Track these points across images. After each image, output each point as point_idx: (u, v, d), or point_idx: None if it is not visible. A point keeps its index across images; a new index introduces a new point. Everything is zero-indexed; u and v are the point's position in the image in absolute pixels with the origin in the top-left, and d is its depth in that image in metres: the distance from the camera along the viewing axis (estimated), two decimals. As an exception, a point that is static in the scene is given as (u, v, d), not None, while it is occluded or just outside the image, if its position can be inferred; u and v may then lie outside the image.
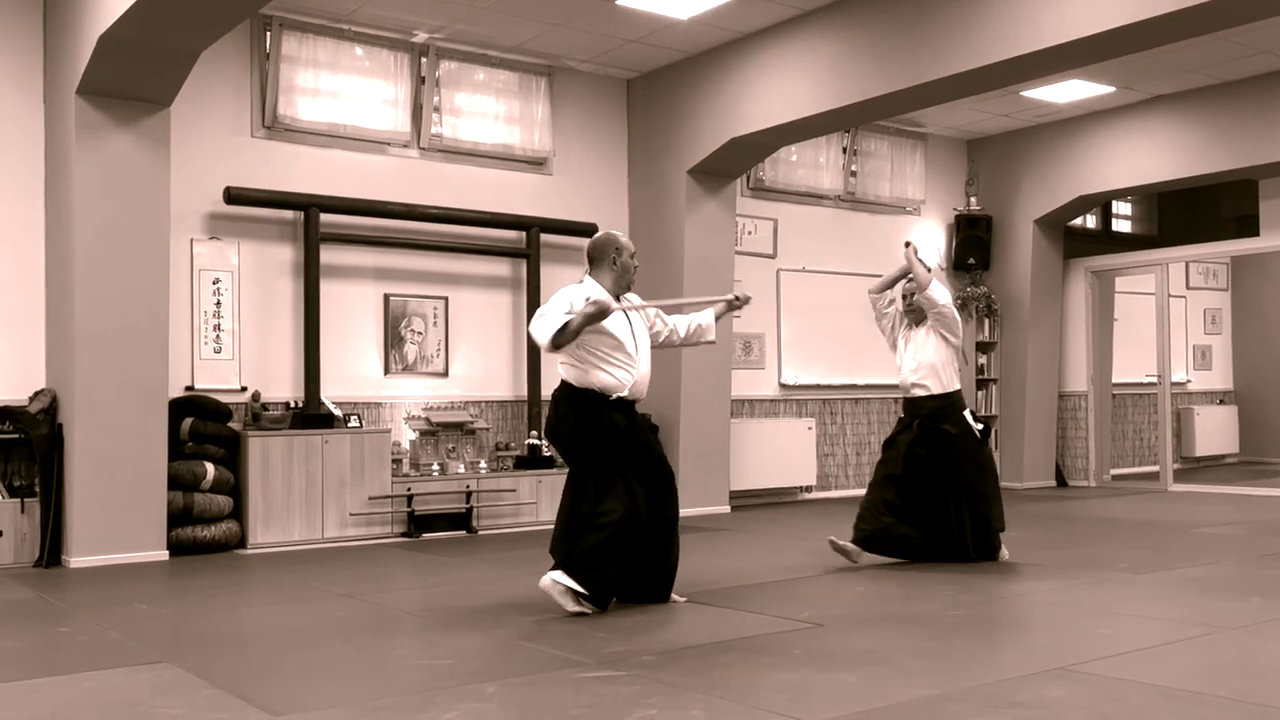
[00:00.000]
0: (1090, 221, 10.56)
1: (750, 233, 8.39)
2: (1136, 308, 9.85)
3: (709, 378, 7.66)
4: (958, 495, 5.13)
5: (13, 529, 5.49)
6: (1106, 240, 10.57)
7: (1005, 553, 5.26)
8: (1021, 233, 9.44)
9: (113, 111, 5.39)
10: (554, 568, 4.06)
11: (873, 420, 9.13)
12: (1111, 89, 8.23)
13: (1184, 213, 10.70)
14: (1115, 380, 9.90)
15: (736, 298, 4.52)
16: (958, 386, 5.28)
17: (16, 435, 5.56)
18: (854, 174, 9.05)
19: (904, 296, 5.42)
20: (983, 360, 9.57)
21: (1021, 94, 8.23)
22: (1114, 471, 9.86)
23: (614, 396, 4.08)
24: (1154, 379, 9.47)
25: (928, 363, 5.25)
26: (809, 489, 8.66)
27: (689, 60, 7.47)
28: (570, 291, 4.11)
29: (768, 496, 8.38)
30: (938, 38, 5.97)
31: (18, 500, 5.52)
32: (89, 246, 5.43)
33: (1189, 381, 11.13)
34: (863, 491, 8.98)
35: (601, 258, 4.21)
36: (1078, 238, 10.09)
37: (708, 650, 3.43)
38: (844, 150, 8.94)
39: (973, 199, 9.65)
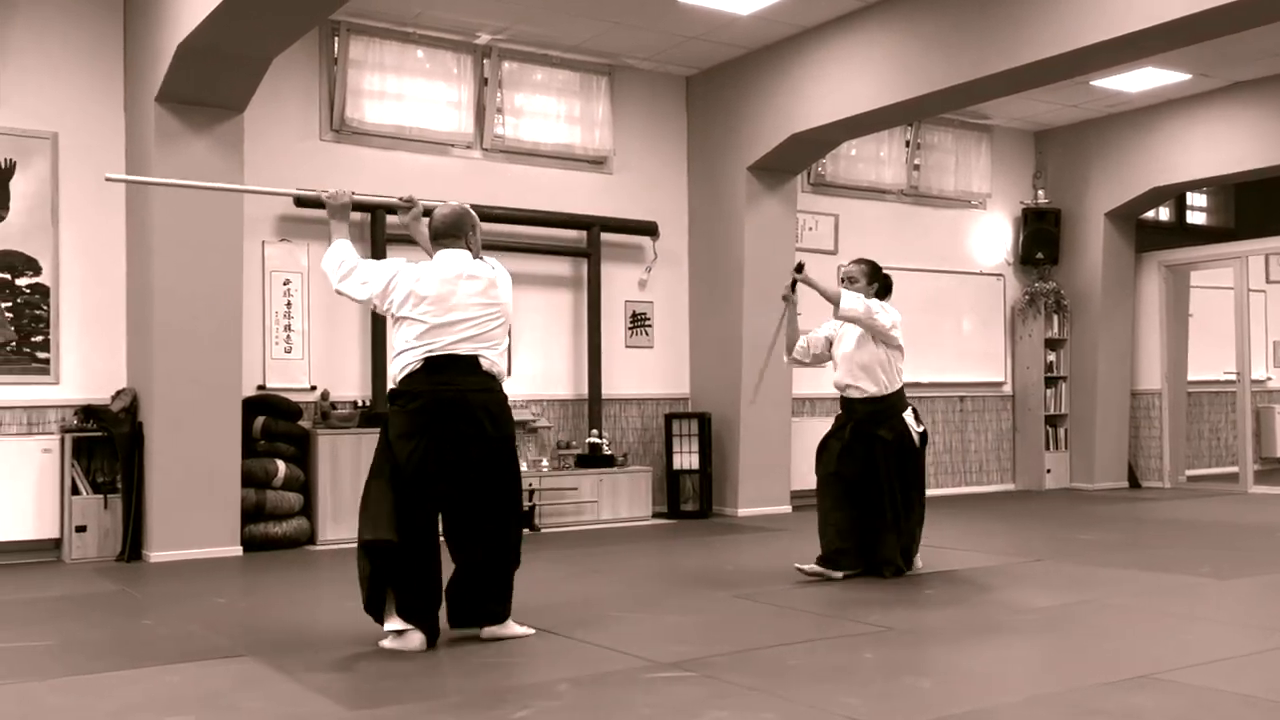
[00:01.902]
0: (1164, 214, 10.26)
1: (811, 229, 8.32)
2: (1213, 303, 9.55)
3: (769, 375, 7.59)
4: (881, 505, 4.78)
5: (96, 524, 5.67)
6: (1181, 233, 10.26)
7: (919, 563, 4.96)
8: (1091, 226, 9.22)
9: (190, 118, 5.54)
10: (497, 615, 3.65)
11: (935, 418, 9.00)
12: (1187, 76, 7.99)
13: (1263, 204, 10.34)
14: (1191, 378, 9.61)
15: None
16: (897, 387, 4.88)
17: (100, 433, 5.74)
18: (917, 168, 8.92)
19: (842, 284, 5.02)
20: (1051, 357, 9.37)
21: (1091, 83, 8.03)
22: (1190, 472, 9.58)
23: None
24: (1232, 376, 9.18)
25: (863, 361, 4.85)
26: (872, 488, 8.55)
27: (749, 56, 7.43)
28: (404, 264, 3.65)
29: (830, 495, 8.29)
30: (1004, 28, 5.85)
31: (101, 496, 5.71)
32: (167, 250, 5.59)
33: (1269, 379, 10.76)
34: (927, 492, 8.89)
35: (459, 233, 3.67)
36: (1150, 231, 9.82)
37: (777, 652, 3.41)
38: (907, 144, 8.82)
39: (1040, 192, 9.45)
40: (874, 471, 4.78)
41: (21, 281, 5.82)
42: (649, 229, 7.70)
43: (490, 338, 3.57)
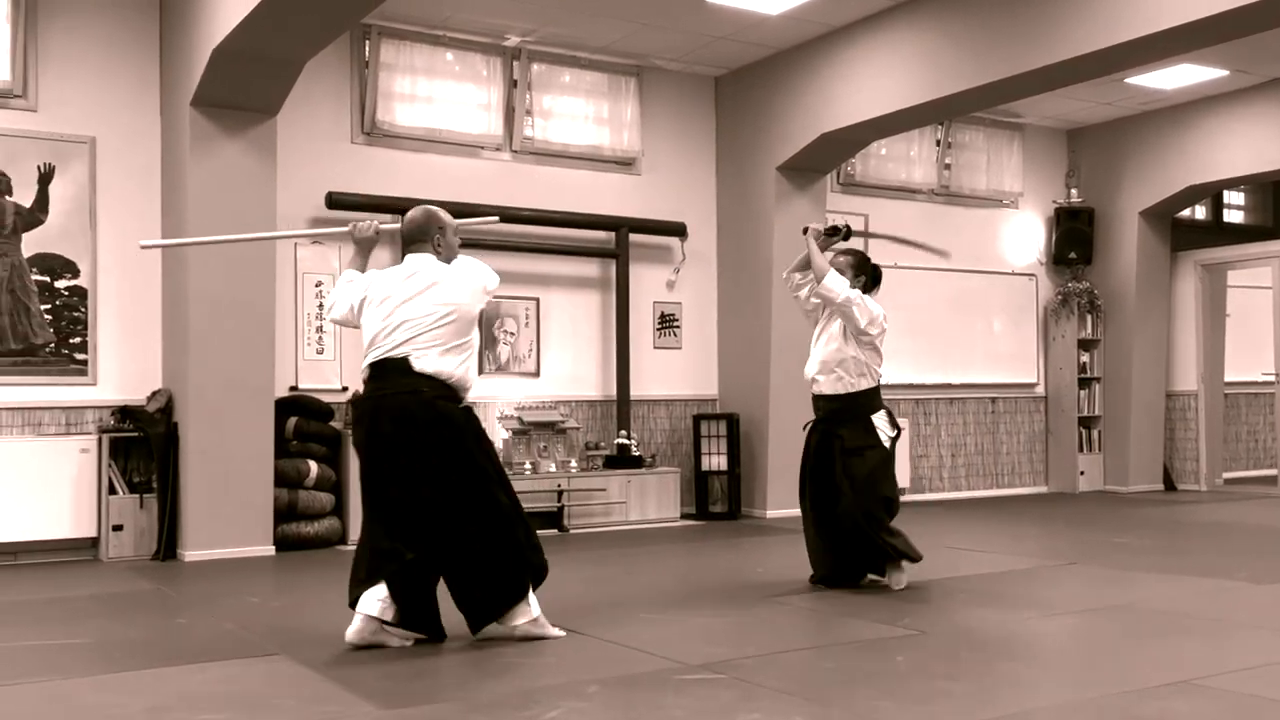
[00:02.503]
0: (1200, 212, 10.11)
1: (841, 229, 8.26)
2: (1251, 302, 9.39)
3: (799, 377, 7.54)
4: (833, 511, 4.48)
5: (132, 523, 5.75)
6: (1218, 232, 10.11)
7: (899, 580, 4.51)
8: (1126, 225, 9.10)
9: (224, 121, 5.60)
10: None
11: (969, 421, 8.93)
12: (1224, 72, 7.86)
13: (1303, 202, 10.17)
14: (1228, 379, 9.46)
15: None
16: (865, 386, 4.52)
17: (136, 433, 5.82)
18: (948, 167, 8.84)
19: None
20: (1085, 358, 9.26)
21: (1125, 80, 7.93)
22: (1226, 475, 9.43)
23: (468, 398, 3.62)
24: (1270, 377, 9.02)
25: (831, 357, 4.56)
26: (902, 491, 8.47)
27: (778, 56, 7.40)
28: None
29: (860, 497, 8.24)
30: (1037, 25, 5.78)
31: (137, 496, 5.79)
32: (201, 252, 5.65)
33: (1308, 379, 10.56)
34: (958, 495, 8.90)
35: (424, 237, 3.63)
36: (1186, 230, 9.68)
37: (808, 655, 3.40)
38: (937, 143, 8.75)
39: (1073, 191, 9.34)
40: (832, 475, 4.48)
41: (60, 284, 5.91)
42: (677, 230, 7.69)
43: (431, 339, 3.47)
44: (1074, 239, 9.19)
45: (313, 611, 4.27)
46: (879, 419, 4.54)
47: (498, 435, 6.99)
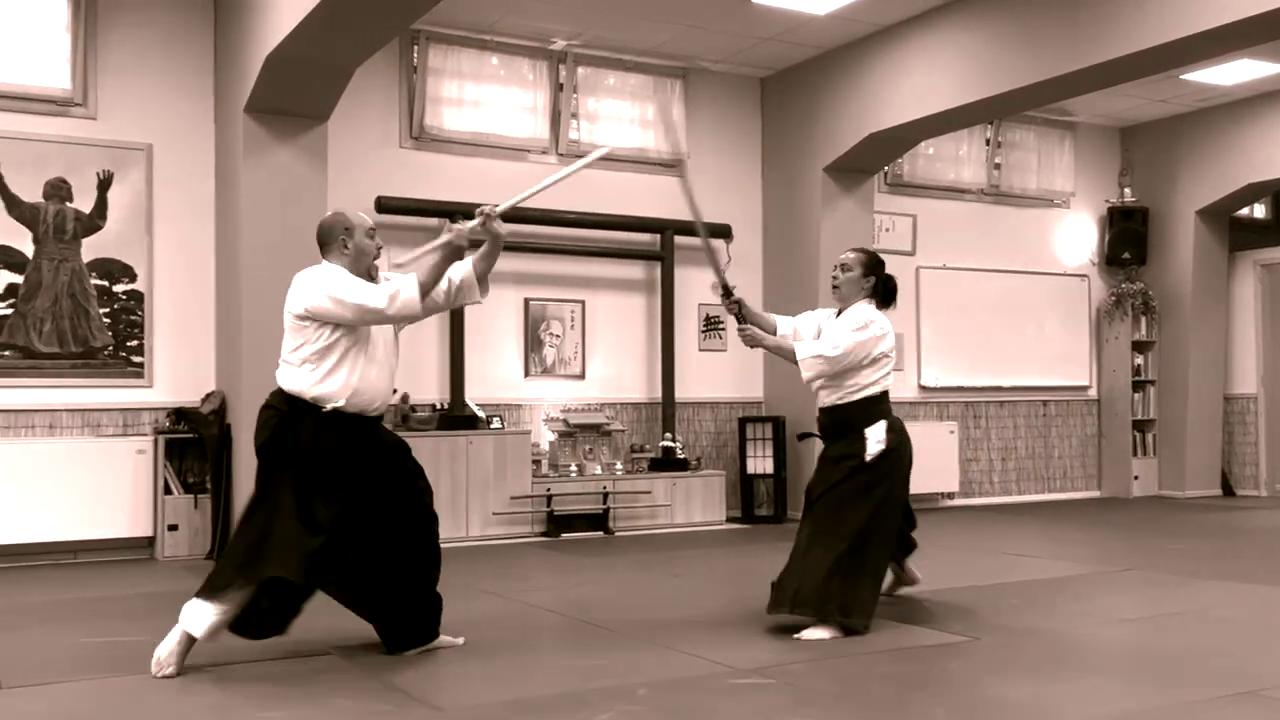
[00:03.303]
0: (1259, 211, 9.85)
1: (888, 230, 8.19)
2: (1313, 303, 9.14)
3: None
4: (802, 527, 3.86)
5: (187, 523, 5.86)
6: (1278, 230, 9.84)
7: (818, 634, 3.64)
8: (1182, 225, 8.90)
9: (276, 127, 5.69)
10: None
11: (1019, 424, 8.79)
12: (1285, 68, 7.66)
13: (1367, 199, 9.87)
14: (1289, 381, 9.22)
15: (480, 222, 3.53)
16: (859, 397, 3.84)
17: (191, 435, 5.93)
18: (998, 166, 8.72)
19: (834, 272, 4.04)
20: (1139, 360, 9.07)
21: (1181, 77, 7.76)
22: (1287, 479, 9.19)
23: (328, 408, 3.34)
24: (1334, 380, 8.78)
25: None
26: (951, 495, 8.40)
27: (825, 56, 7.35)
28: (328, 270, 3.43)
29: (908, 501, 8.15)
30: (1091, 22, 5.68)
31: (192, 496, 5.89)
32: (254, 255, 5.74)
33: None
34: (1008, 499, 8.76)
35: (330, 240, 3.47)
36: (1245, 229, 9.43)
37: (859, 661, 3.36)
38: (987, 142, 8.63)
39: (1127, 190, 9.16)
40: (808, 493, 3.90)
41: (118, 288, 6.04)
42: (723, 232, 7.66)
43: (285, 349, 3.41)
44: (1128, 239, 9.01)
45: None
46: (873, 431, 3.81)
47: (543, 438, 7.03)
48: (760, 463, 7.45)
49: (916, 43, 6.72)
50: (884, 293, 4.01)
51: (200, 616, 3.26)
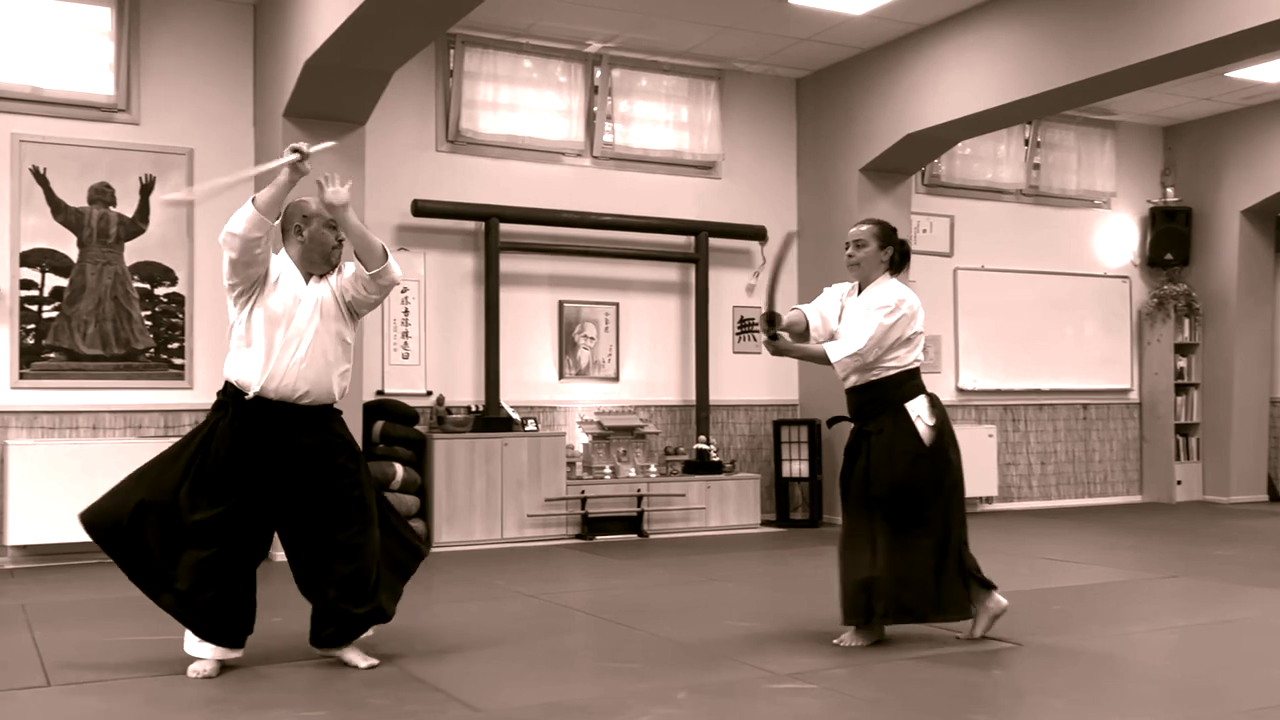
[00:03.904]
0: (1306, 211, 9.65)
1: (925, 231, 8.12)
2: (1363, 304, 8.93)
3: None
4: (874, 527, 3.58)
5: (226, 523, 5.92)
6: (1326, 231, 9.64)
7: (979, 625, 3.65)
8: (1226, 225, 8.74)
9: (315, 131, 5.71)
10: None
11: (1059, 428, 8.67)
12: (1334, 65, 7.50)
13: None
14: (1337, 384, 9.02)
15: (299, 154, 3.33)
16: (892, 372, 3.64)
17: (229, 436, 5.99)
18: (1037, 166, 8.61)
19: (848, 250, 3.87)
20: (1182, 363, 8.91)
21: (1226, 74, 7.61)
22: (1336, 485, 8.99)
23: (250, 394, 3.28)
24: (1385, 383, 8.56)
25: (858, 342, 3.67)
26: (989, 500, 8.30)
27: (862, 56, 7.30)
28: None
29: (945, 505, 8.07)
30: (1133, 20, 5.59)
31: (230, 496, 5.95)
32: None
33: None
34: (1047, 504, 8.64)
35: (286, 227, 3.43)
36: (1292, 229, 9.25)
37: (900, 666, 3.32)
38: (1026, 142, 8.53)
39: (1169, 190, 9.01)
40: (864, 486, 3.62)
41: (159, 291, 6.13)
42: (757, 233, 7.63)
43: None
44: (1170, 240, 8.86)
45: (402, 612, 4.32)
46: (915, 405, 3.62)
47: (577, 440, 7.03)
48: (796, 466, 7.40)
49: (955, 42, 6.65)
50: (901, 258, 3.83)
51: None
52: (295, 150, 3.36)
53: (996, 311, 8.35)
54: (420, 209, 6.59)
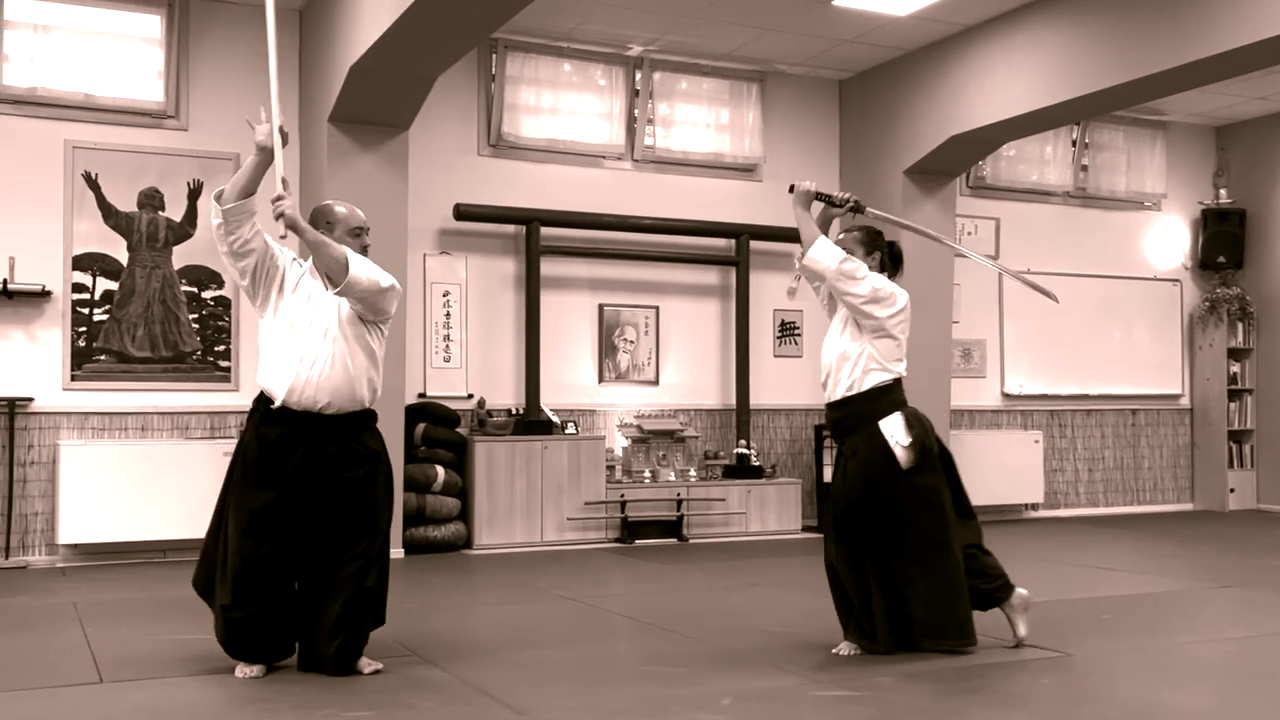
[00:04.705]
0: (1365, 212, 9.39)
1: (970, 233, 8.01)
2: None
3: (926, 386, 7.34)
4: (857, 553, 3.50)
5: (271, 523, 5.98)
6: (1386, 233, 9.36)
7: (1018, 628, 3.57)
8: (1282, 227, 8.53)
9: (359, 136, 5.79)
10: None
11: (1107, 434, 8.50)
12: (1396, 62, 7.27)
13: None
14: (1399, 391, 8.75)
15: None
16: (868, 387, 3.57)
17: (274, 437, 6.06)
18: (1085, 168, 8.46)
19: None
20: (1235, 369, 8.70)
21: (1283, 73, 7.43)
22: (1398, 494, 8.72)
23: (276, 404, 3.23)
24: None
25: (834, 353, 3.69)
26: (1035, 507, 8.16)
27: (906, 57, 7.22)
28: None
29: (990, 513, 7.90)
30: (1185, 18, 5.46)
31: (275, 497, 6.01)
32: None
33: None
34: (1095, 511, 8.48)
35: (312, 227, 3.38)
36: (1350, 231, 9.00)
37: (946, 675, 3.26)
38: (1073, 143, 8.38)
39: (1222, 191, 8.81)
40: (845, 506, 3.54)
41: (206, 294, 6.22)
42: (798, 237, 7.56)
43: None
44: (1223, 242, 8.66)
45: (444, 614, 4.34)
46: (889, 424, 3.51)
47: (617, 444, 7.02)
48: (837, 471, 7.31)
49: (1001, 42, 6.56)
50: (891, 260, 3.78)
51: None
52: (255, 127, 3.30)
53: (1042, 315, 8.19)
54: (462, 213, 6.62)
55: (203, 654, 3.53)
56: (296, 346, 3.24)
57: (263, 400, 3.29)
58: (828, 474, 7.34)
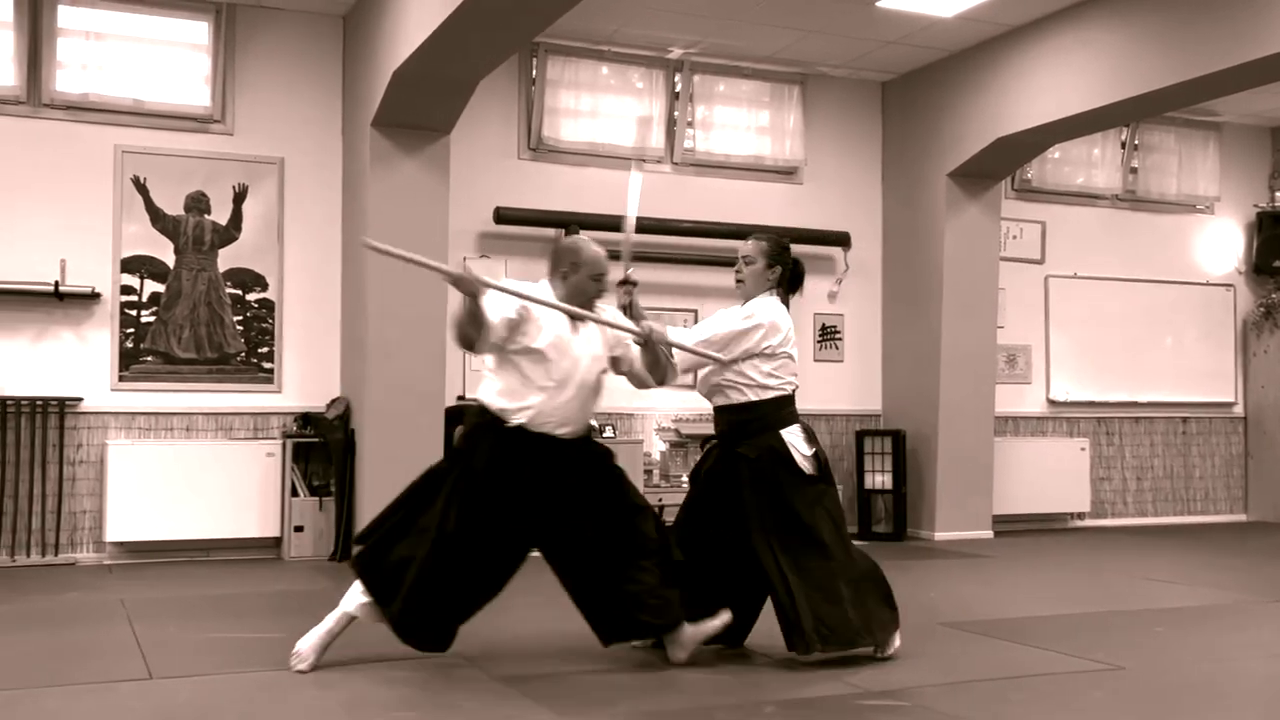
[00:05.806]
0: None
1: (1015, 237, 7.88)
2: None
3: (970, 392, 7.25)
4: (746, 555, 3.49)
5: (312, 525, 6.03)
6: None
7: (893, 647, 3.53)
8: (1340, 230, 8.29)
9: (401, 140, 5.83)
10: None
11: (1155, 442, 8.32)
12: None
13: None
14: None
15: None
16: (771, 395, 3.59)
17: (316, 439, 6.11)
18: (1134, 170, 8.29)
19: (737, 270, 3.79)
20: (1290, 375, 8.48)
21: (1342, 73, 7.22)
22: None
23: (511, 423, 3.33)
24: None
25: (712, 376, 3.69)
26: (1081, 516, 8.00)
27: (951, 59, 7.13)
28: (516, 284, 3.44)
29: (1034, 522, 7.80)
30: (1238, 17, 5.32)
31: (316, 498, 6.07)
32: (379, 267, 5.88)
33: None
34: (1144, 521, 8.29)
35: (556, 266, 3.46)
36: None
37: (995, 686, 3.19)
38: (1122, 145, 8.22)
39: (1278, 194, 8.59)
40: (737, 505, 3.51)
41: (251, 297, 6.29)
42: (840, 240, 7.50)
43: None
44: (1278, 246, 8.44)
45: (485, 615, 4.32)
46: (790, 434, 3.56)
47: (654, 447, 6.99)
48: (879, 478, 7.24)
49: (1049, 43, 6.44)
50: (792, 279, 3.75)
51: (354, 596, 3.37)
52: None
53: (1090, 320, 8.06)
54: (502, 216, 6.64)
55: (252, 652, 3.56)
56: (542, 375, 3.34)
57: (489, 418, 3.39)
58: (870, 480, 7.27)
